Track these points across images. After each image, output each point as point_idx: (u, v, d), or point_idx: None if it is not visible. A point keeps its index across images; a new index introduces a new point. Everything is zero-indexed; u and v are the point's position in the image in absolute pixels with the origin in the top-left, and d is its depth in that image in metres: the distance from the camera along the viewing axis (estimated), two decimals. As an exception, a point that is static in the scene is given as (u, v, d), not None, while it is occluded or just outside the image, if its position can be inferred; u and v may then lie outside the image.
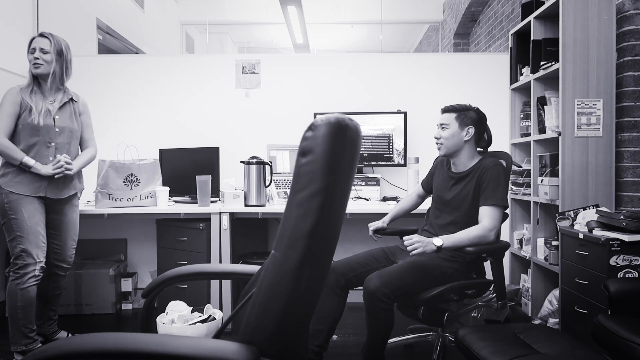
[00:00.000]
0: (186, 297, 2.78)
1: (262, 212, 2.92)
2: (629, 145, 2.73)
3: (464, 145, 2.35)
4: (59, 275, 2.67)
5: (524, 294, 3.26)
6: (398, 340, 2.55)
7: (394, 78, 3.64)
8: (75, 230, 2.68)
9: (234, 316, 1.13)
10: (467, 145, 2.36)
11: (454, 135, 2.34)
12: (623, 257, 2.20)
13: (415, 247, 2.11)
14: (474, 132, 2.34)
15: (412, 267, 2.18)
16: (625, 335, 1.74)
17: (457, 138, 2.34)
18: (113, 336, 0.87)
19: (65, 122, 2.53)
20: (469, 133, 2.34)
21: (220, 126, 3.62)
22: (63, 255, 2.64)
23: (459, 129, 2.34)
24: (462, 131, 2.34)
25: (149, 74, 3.66)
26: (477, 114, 2.38)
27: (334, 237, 0.97)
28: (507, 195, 2.30)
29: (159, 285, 1.41)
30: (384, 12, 6.63)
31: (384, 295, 2.05)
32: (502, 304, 2.32)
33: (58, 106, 2.51)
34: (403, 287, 2.12)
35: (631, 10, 2.73)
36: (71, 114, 2.57)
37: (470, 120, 2.35)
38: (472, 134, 2.34)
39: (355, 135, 0.92)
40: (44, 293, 2.62)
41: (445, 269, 2.24)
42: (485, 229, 2.19)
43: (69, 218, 2.63)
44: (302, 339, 0.99)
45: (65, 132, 2.52)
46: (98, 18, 4.56)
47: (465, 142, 2.35)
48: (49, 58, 2.48)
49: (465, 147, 2.36)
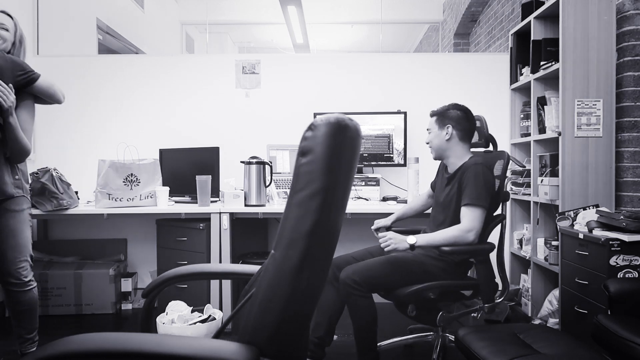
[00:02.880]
0: (186, 297, 2.78)
1: (262, 212, 2.92)
2: (629, 145, 2.73)
3: (449, 144, 2.37)
4: (13, 292, 2.28)
5: (524, 294, 3.26)
6: (398, 340, 2.55)
7: (394, 78, 3.64)
8: (20, 241, 2.27)
9: (234, 316, 1.13)
10: (453, 145, 2.37)
11: (436, 136, 2.39)
12: (623, 257, 2.20)
13: (388, 243, 2.18)
14: (453, 130, 2.35)
15: (387, 260, 2.25)
16: (625, 335, 1.74)
17: (439, 139, 2.38)
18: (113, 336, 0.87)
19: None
20: (449, 132, 2.35)
21: (220, 126, 3.62)
22: (5, 269, 2.25)
23: (439, 130, 2.38)
24: (442, 131, 2.37)
25: (149, 74, 3.66)
26: (458, 112, 2.38)
27: (333, 237, 0.97)
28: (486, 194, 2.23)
29: (159, 285, 1.41)
30: (384, 12, 6.62)
31: (353, 282, 2.14)
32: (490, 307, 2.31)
33: None
34: (374, 277, 2.19)
35: (631, 10, 2.73)
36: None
37: (449, 119, 2.37)
38: (451, 133, 2.35)
39: (355, 135, 0.92)
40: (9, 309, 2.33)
41: (429, 266, 2.26)
42: (462, 229, 2.19)
43: (4, 226, 2.24)
44: (302, 338, 0.99)
45: None
46: (98, 18, 4.56)
47: (448, 141, 2.36)
48: (7, 36, 2.23)
49: (451, 147, 2.37)
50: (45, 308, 3.21)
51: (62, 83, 3.58)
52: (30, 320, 2.34)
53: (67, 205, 2.83)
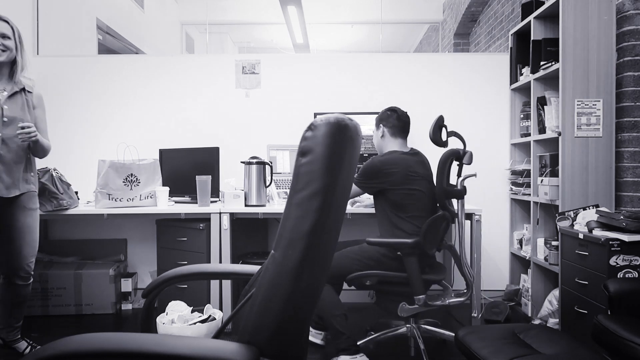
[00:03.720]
0: (186, 297, 2.78)
1: (262, 212, 2.92)
2: (629, 145, 2.73)
3: (384, 141, 2.65)
4: (18, 285, 2.41)
5: (524, 294, 3.26)
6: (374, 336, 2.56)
7: (394, 78, 3.64)
8: (32, 237, 2.41)
9: (234, 316, 1.13)
10: (387, 141, 2.63)
11: (375, 137, 2.71)
12: (623, 257, 2.20)
13: None
14: (384, 127, 2.64)
15: (341, 252, 2.47)
16: (625, 335, 1.74)
17: (376, 139, 2.69)
18: (113, 336, 0.87)
19: (16, 112, 2.31)
20: (381, 130, 2.64)
21: (220, 126, 3.62)
22: (18, 264, 2.37)
23: (376, 130, 2.69)
24: (378, 131, 2.67)
25: (149, 74, 3.66)
26: (388, 112, 2.66)
27: (333, 237, 0.97)
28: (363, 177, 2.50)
29: (159, 285, 1.41)
30: (384, 12, 6.62)
31: None
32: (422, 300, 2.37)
33: (7, 95, 2.30)
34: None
35: (631, 10, 2.73)
36: (23, 105, 2.36)
37: (381, 119, 2.66)
38: (384, 131, 2.64)
39: (355, 135, 0.92)
40: (6, 300, 2.44)
41: (373, 256, 2.43)
42: None
43: (22, 223, 2.36)
44: (302, 338, 0.99)
45: (15, 123, 2.28)
46: (98, 18, 4.56)
47: (382, 138, 2.65)
48: (11, 44, 2.29)
49: (386, 143, 2.63)
50: (45, 308, 3.21)
51: (62, 83, 3.61)
52: (21, 311, 2.50)
53: (67, 206, 2.83)
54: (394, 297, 2.46)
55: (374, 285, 2.48)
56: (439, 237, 2.47)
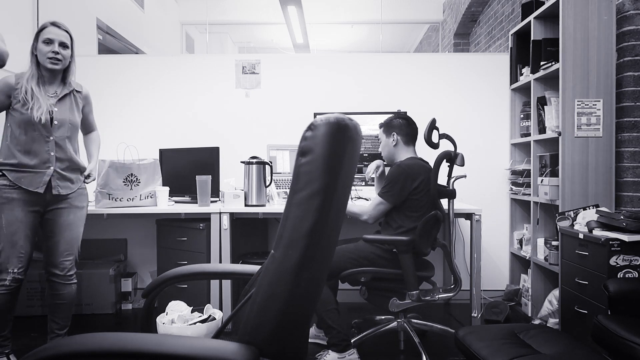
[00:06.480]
0: (186, 297, 2.78)
1: (262, 212, 2.92)
2: (629, 145, 2.73)
3: (396, 150, 2.62)
4: (54, 282, 2.42)
5: (524, 294, 3.26)
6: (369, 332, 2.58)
7: (394, 78, 3.64)
8: (72, 235, 2.43)
9: (234, 316, 1.13)
10: (399, 149, 2.62)
11: (385, 145, 2.66)
12: (623, 257, 2.20)
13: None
14: (397, 136, 2.61)
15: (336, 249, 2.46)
16: (625, 335, 1.74)
17: (387, 147, 2.65)
18: (113, 336, 0.87)
19: (65, 114, 2.38)
20: (395, 139, 2.61)
21: (220, 126, 3.62)
22: (53, 259, 2.40)
23: (386, 138, 2.65)
24: (389, 139, 2.63)
25: (149, 74, 3.66)
26: (400, 120, 2.63)
27: (333, 237, 0.97)
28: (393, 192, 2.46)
29: (159, 285, 1.41)
30: (384, 12, 6.63)
31: None
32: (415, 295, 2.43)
33: (58, 98, 2.38)
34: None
35: (631, 10, 2.73)
36: (71, 105, 2.43)
37: (394, 127, 2.62)
38: (397, 139, 2.61)
39: (355, 135, 0.92)
40: (49, 301, 2.45)
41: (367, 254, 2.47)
42: (362, 210, 2.56)
43: (64, 220, 2.40)
44: (302, 338, 0.99)
45: (65, 126, 2.37)
46: (98, 18, 4.56)
47: (395, 146, 2.62)
48: (68, 54, 2.38)
49: (398, 151, 2.62)
50: (45, 308, 3.20)
51: (62, 83, 3.60)
52: (63, 315, 2.46)
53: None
54: (384, 294, 2.52)
55: (368, 282, 2.53)
56: (432, 235, 2.51)
